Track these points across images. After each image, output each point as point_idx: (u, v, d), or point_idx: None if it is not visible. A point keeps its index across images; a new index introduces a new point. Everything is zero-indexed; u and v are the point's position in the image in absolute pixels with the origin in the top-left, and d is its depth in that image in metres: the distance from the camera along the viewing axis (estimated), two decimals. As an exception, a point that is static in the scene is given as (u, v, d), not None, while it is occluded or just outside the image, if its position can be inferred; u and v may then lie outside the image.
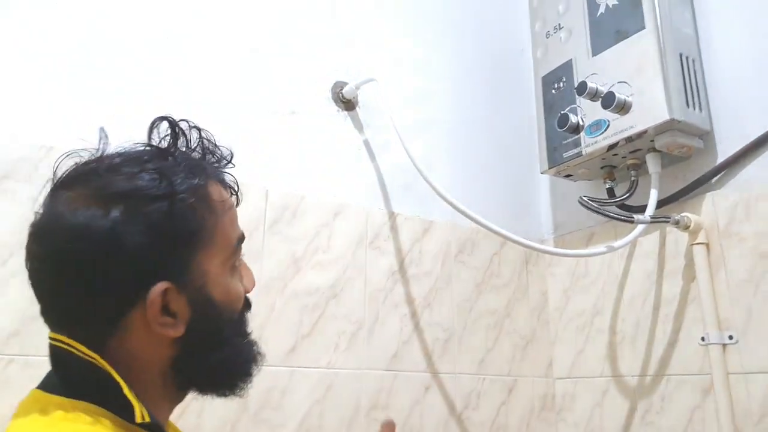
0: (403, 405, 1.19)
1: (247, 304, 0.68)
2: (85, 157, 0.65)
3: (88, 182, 0.60)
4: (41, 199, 0.63)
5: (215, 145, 0.70)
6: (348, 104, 1.32)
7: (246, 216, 1.12)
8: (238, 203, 0.71)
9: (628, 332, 1.25)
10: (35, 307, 0.91)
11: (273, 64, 1.24)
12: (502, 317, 1.37)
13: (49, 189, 0.62)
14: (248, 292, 0.68)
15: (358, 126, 1.33)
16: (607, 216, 1.13)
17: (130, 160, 0.62)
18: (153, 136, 0.66)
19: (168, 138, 0.65)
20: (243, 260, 0.68)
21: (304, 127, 1.25)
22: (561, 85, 1.31)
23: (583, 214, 1.41)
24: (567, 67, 1.30)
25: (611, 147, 1.20)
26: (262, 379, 1.05)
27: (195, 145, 0.67)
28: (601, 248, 1.16)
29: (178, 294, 0.58)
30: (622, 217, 1.14)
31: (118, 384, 0.56)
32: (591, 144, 1.23)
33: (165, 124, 0.65)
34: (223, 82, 1.17)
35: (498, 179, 1.49)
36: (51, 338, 0.60)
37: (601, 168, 1.29)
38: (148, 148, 0.65)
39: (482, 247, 1.40)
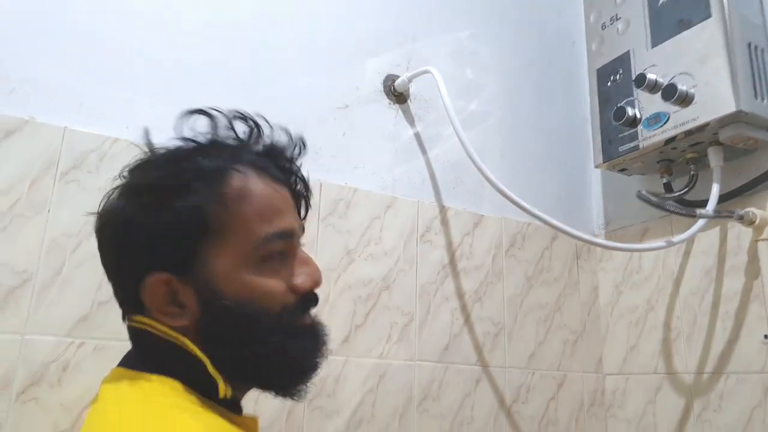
0: (455, 397, 1.20)
1: (304, 301, 0.63)
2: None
3: (132, 178, 0.64)
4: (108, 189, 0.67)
5: (269, 129, 0.67)
6: (400, 97, 1.32)
7: (301, 208, 1.14)
8: (301, 195, 0.69)
9: (684, 329, 1.23)
10: (102, 293, 0.96)
11: (326, 58, 1.25)
12: (552, 312, 1.36)
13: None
14: (302, 290, 0.63)
15: (410, 119, 1.33)
16: (669, 210, 1.11)
17: (166, 153, 0.64)
18: (194, 128, 0.65)
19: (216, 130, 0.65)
20: (304, 254, 0.65)
21: (356, 121, 1.26)
22: (617, 77, 1.29)
23: (636, 210, 1.39)
24: (624, 59, 1.27)
25: (670, 140, 1.17)
26: (317, 368, 1.08)
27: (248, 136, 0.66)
28: (659, 243, 1.14)
29: (183, 286, 0.59)
30: (684, 212, 1.12)
31: (200, 361, 0.58)
32: (648, 137, 1.20)
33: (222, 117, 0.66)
34: (276, 76, 1.19)
35: (549, 174, 1.48)
36: (130, 320, 0.63)
37: (658, 162, 1.26)
38: (185, 140, 0.65)
39: (533, 242, 1.39)
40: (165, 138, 0.66)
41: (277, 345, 0.60)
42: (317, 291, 0.66)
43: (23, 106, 0.97)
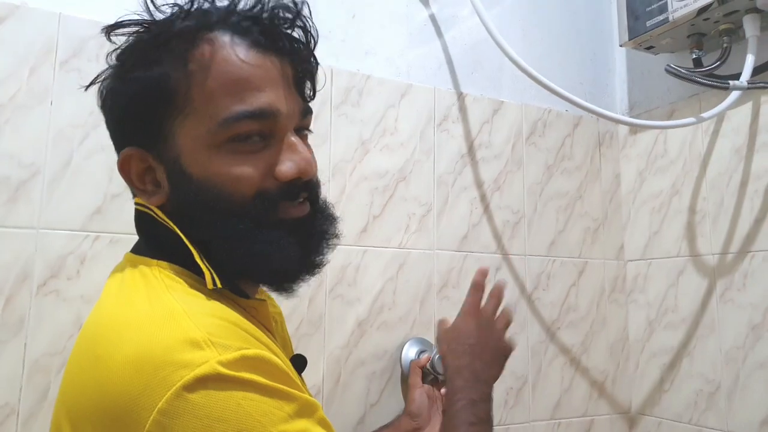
0: (475, 285, 1.19)
1: (289, 189, 0.56)
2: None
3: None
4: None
5: None
6: (412, -24, 1.23)
7: (311, 97, 1.09)
8: (305, 69, 0.59)
9: (710, 211, 1.20)
10: (114, 186, 0.93)
11: (332, -67, 1.16)
12: (573, 200, 1.33)
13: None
14: (284, 178, 0.55)
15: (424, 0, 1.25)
16: (699, 83, 1.05)
17: (145, 26, 0.58)
18: None
19: None
20: (294, 140, 0.57)
21: (366, 3, 1.18)
22: (646, -57, 1.18)
23: (662, 91, 1.32)
24: None
25: (703, 9, 1.09)
26: (336, 257, 1.07)
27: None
28: (689, 119, 1.09)
29: (157, 163, 0.56)
30: (716, 84, 1.06)
31: (190, 250, 0.55)
32: (679, 8, 1.12)
33: None
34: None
35: (571, 56, 1.40)
36: (135, 203, 0.61)
37: (688, 37, 1.18)
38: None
39: (554, 129, 1.34)
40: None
41: (244, 233, 0.54)
42: (313, 180, 0.59)
43: (13, -10, 0.91)
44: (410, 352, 1.09)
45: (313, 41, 0.61)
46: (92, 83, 0.60)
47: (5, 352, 0.84)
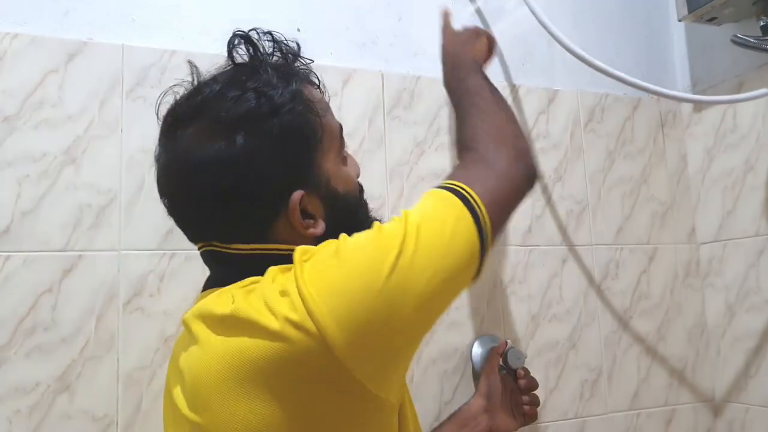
0: (541, 278, 1.18)
1: (360, 188, 0.73)
2: (180, 91, 0.68)
3: (202, 115, 0.63)
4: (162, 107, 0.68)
5: (285, 43, 0.70)
6: (456, -28, 1.23)
7: (363, 103, 1.11)
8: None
9: (789, 186, 1.14)
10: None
11: (374, -62, 1.17)
12: (638, 185, 1.29)
13: (160, 127, 0.67)
14: (358, 177, 0.73)
15: (469, -5, 1.24)
16: (768, 53, 1.00)
17: (228, 83, 0.64)
18: (234, 53, 0.68)
19: (250, 51, 0.67)
20: (348, 151, 0.73)
21: (410, 3, 1.19)
22: None
23: (728, 64, 1.26)
24: None
25: (767, -25, 1.04)
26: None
27: (271, 51, 0.68)
28: (761, 91, 1.03)
29: (311, 197, 0.63)
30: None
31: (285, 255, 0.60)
32: (742, -25, 1.07)
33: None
34: (326, -36, 1.13)
35: (626, 37, 1.35)
36: (205, 246, 0.66)
37: (753, 4, 1.12)
38: (237, 66, 0.67)
39: (613, 114, 1.30)
40: (218, 45, 0.66)
41: (366, 222, 0.68)
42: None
43: (80, 27, 0.97)
44: (480, 349, 1.09)
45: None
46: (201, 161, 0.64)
47: (101, 367, 0.89)
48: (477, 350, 1.09)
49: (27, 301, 0.87)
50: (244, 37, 0.66)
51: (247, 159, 0.60)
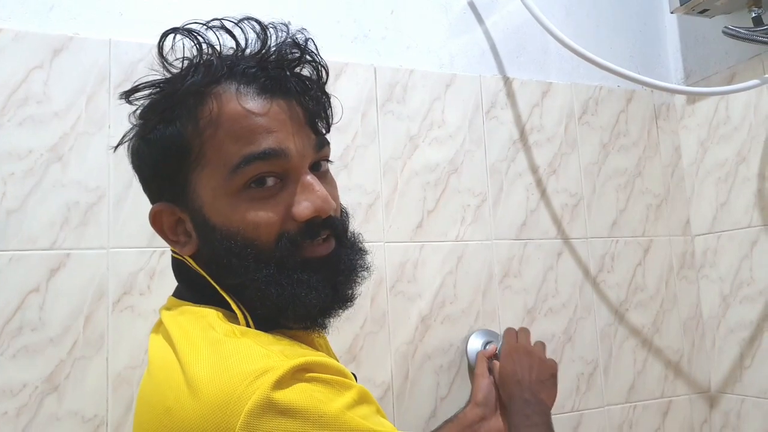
0: (537, 271, 1.17)
1: (309, 228, 0.57)
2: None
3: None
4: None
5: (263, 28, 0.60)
6: (447, -35, 1.22)
7: (356, 97, 1.10)
8: (316, 105, 0.60)
9: (783, 177, 1.13)
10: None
11: (364, -70, 1.16)
12: (632, 177, 1.29)
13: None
14: (302, 219, 0.56)
15: (461, -13, 1.23)
16: (762, 42, 0.99)
17: (158, 82, 0.61)
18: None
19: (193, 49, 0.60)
20: (309, 179, 0.57)
21: (403, -3, 1.18)
22: None
23: (720, 55, 1.26)
24: None
25: (760, -35, 1.03)
26: (394, 255, 1.07)
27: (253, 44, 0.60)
28: (753, 82, 1.03)
29: (184, 215, 0.59)
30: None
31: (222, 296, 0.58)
32: (733, -34, 1.06)
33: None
34: (316, -44, 1.11)
35: (619, 30, 1.35)
36: (171, 251, 0.64)
37: (745, -6, 1.12)
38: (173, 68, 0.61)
39: (606, 106, 1.30)
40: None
41: (272, 278, 0.56)
42: (337, 216, 0.60)
43: (65, 22, 0.95)
44: (476, 343, 1.08)
45: (324, 73, 0.62)
46: (120, 143, 0.64)
47: (90, 367, 0.88)
48: (472, 345, 1.08)
49: (14, 300, 0.86)
50: (183, 31, 0.61)
51: (139, 156, 0.61)
